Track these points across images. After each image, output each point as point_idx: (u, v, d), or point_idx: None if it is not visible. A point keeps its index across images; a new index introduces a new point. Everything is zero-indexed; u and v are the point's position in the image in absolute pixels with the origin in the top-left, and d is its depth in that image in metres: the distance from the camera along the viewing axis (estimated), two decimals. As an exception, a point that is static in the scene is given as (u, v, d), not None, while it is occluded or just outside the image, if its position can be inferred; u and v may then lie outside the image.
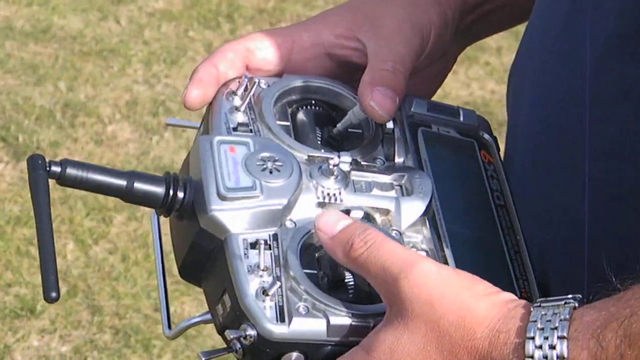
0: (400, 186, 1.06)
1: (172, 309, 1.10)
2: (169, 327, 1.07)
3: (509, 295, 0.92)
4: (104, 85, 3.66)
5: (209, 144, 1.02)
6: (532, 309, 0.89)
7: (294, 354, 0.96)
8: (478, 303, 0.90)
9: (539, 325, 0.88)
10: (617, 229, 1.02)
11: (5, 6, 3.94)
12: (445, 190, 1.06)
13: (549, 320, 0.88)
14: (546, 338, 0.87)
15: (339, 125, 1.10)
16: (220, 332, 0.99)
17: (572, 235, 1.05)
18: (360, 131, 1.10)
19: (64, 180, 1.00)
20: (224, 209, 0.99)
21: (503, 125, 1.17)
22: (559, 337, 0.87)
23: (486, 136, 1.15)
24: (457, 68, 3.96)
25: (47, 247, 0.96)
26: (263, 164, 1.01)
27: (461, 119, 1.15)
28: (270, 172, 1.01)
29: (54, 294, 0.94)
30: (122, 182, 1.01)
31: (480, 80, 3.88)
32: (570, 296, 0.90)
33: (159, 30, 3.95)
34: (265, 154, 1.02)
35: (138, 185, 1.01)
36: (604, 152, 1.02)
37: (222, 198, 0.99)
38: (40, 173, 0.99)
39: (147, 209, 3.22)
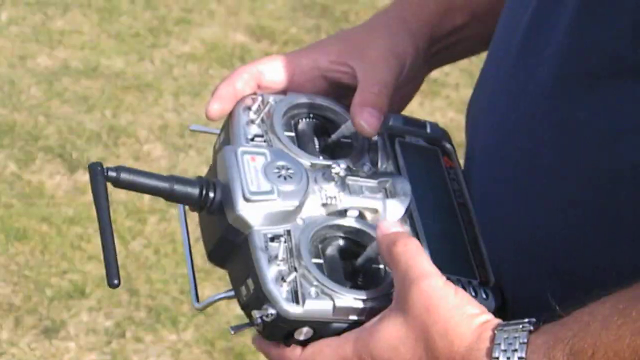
0: (385, 189, 1.05)
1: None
2: (197, 300, 1.06)
3: (487, 316, 0.92)
4: (141, 112, 3.66)
5: (234, 153, 1.02)
6: (496, 332, 0.90)
7: (305, 329, 0.96)
8: (462, 322, 0.91)
9: (502, 347, 0.89)
10: (560, 235, 1.01)
11: (63, 50, 3.94)
12: (418, 191, 1.06)
13: (511, 343, 0.88)
14: (508, 358, 0.88)
15: (333, 136, 1.10)
16: (243, 308, 1.00)
17: (522, 240, 1.04)
18: (350, 141, 1.10)
19: (118, 184, 1.00)
20: (248, 209, 0.99)
21: (459, 146, 1.16)
22: (518, 358, 0.88)
23: (447, 145, 1.15)
24: (423, 100, 3.96)
25: (108, 241, 0.96)
26: (278, 172, 1.01)
27: (428, 130, 1.15)
28: (285, 179, 1.01)
29: (115, 281, 0.95)
30: (165, 185, 1.01)
31: (442, 110, 3.88)
32: (526, 320, 0.90)
33: (185, 68, 3.95)
34: (280, 163, 1.02)
35: (177, 187, 1.01)
36: (549, 171, 1.01)
37: (247, 200, 0.99)
38: (99, 178, 0.98)
39: (174, 212, 3.24)
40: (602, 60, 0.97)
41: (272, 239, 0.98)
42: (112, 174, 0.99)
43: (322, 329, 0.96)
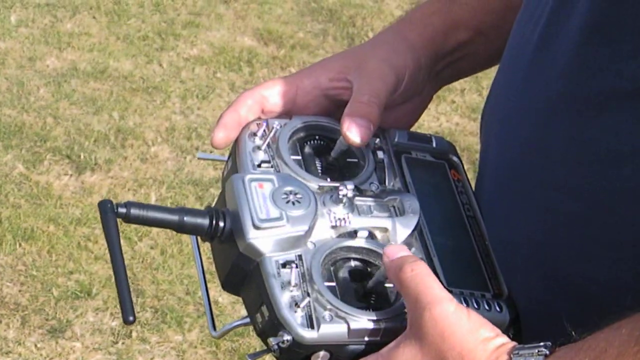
0: (394, 207, 1.05)
1: (198, 292, 1.08)
2: (214, 328, 1.07)
3: (501, 340, 0.91)
4: (149, 115, 3.66)
5: (242, 181, 1.02)
6: (512, 356, 0.89)
7: (322, 353, 0.96)
8: (477, 347, 0.90)
9: None
10: (564, 249, 1.01)
11: (72, 52, 3.95)
12: (427, 207, 1.05)
13: None
14: None
15: (332, 153, 1.10)
16: (259, 335, 0.99)
17: (530, 254, 1.04)
18: (357, 160, 1.09)
19: (129, 219, 0.99)
20: (259, 237, 0.98)
21: (464, 150, 1.17)
22: None
23: (454, 158, 1.14)
24: (429, 105, 3.96)
25: (122, 278, 0.95)
26: (286, 197, 1.01)
27: (434, 145, 1.14)
28: (293, 204, 1.01)
29: (131, 318, 0.94)
30: (175, 218, 1.00)
31: (447, 115, 3.88)
32: (542, 344, 0.89)
33: (193, 72, 3.95)
34: (287, 189, 1.02)
35: (187, 219, 1.00)
36: (556, 188, 1.01)
37: (257, 228, 0.98)
38: (110, 215, 0.98)
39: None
40: (608, 81, 0.96)
41: (284, 265, 0.97)
42: (122, 210, 0.98)
43: (338, 352, 0.96)
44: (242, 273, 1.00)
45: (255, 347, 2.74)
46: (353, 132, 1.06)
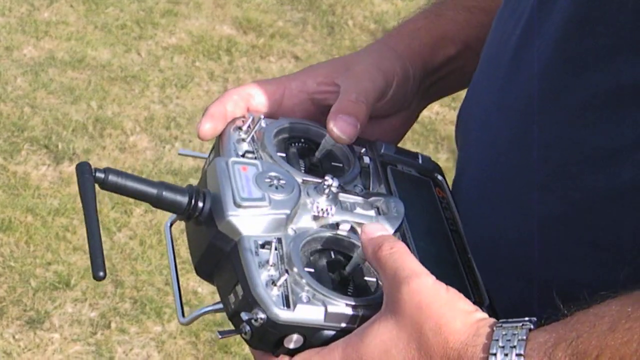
0: (378, 207, 1.04)
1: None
2: (183, 315, 1.04)
3: (482, 314, 0.89)
4: (127, 104, 3.65)
5: (225, 163, 1.01)
6: (495, 329, 0.87)
7: (295, 336, 0.94)
8: (456, 318, 0.88)
9: (500, 344, 0.85)
10: (544, 250, 1.00)
11: (50, 40, 3.93)
12: (412, 216, 1.04)
13: (509, 340, 0.85)
14: (506, 355, 0.85)
15: (317, 153, 1.09)
16: (231, 317, 0.97)
17: (509, 254, 1.03)
18: (341, 165, 1.09)
19: (105, 185, 0.98)
20: (239, 215, 0.97)
21: (444, 139, 1.16)
22: (517, 355, 0.85)
23: (439, 177, 1.14)
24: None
25: (94, 236, 0.94)
26: (270, 181, 1.00)
27: (420, 161, 1.14)
28: (276, 188, 0.99)
29: (101, 273, 0.92)
30: (153, 191, 0.99)
31: (427, 104, 3.88)
32: (526, 319, 0.87)
33: (172, 61, 3.94)
34: (272, 174, 1.01)
35: (166, 194, 0.99)
36: (541, 188, 1.00)
37: (237, 205, 0.97)
38: (87, 177, 0.96)
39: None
40: (592, 79, 0.95)
41: (263, 245, 0.96)
42: (100, 175, 0.97)
43: (312, 337, 0.93)
44: (219, 254, 0.98)
45: (236, 337, 2.73)
46: (339, 129, 1.06)
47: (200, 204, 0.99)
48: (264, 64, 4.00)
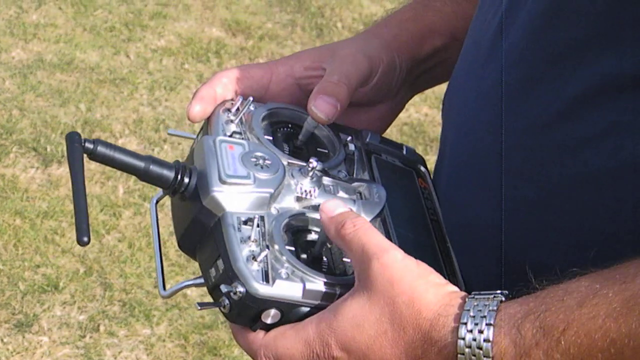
0: (360, 193, 1.05)
1: (167, 286, 1.08)
2: (164, 288, 1.06)
3: (454, 287, 0.91)
4: (116, 106, 3.64)
5: (212, 141, 1.02)
6: (467, 300, 0.89)
7: (272, 311, 0.95)
8: (428, 290, 0.90)
9: (472, 314, 0.87)
10: (520, 234, 1.01)
11: (38, 43, 3.92)
12: (393, 203, 1.06)
13: (480, 310, 0.87)
14: (476, 324, 0.87)
15: (300, 136, 1.10)
16: (211, 291, 0.98)
17: (487, 238, 1.04)
18: (327, 151, 1.10)
19: (94, 156, 0.99)
20: (223, 191, 0.98)
21: (433, 141, 1.17)
22: (486, 324, 0.87)
23: (422, 168, 1.15)
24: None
25: (80, 204, 0.95)
26: (256, 161, 1.01)
27: (404, 152, 1.15)
28: (262, 168, 1.01)
29: (85, 238, 0.93)
30: (141, 164, 1.00)
31: (416, 106, 3.88)
32: (499, 292, 0.89)
33: (161, 63, 3.93)
34: (258, 154, 1.02)
35: (153, 167, 1.00)
36: (514, 174, 1.01)
37: (222, 182, 0.98)
38: (76, 146, 0.98)
39: (149, 206, 3.21)
40: (566, 67, 0.96)
41: (245, 222, 0.97)
42: (89, 145, 0.98)
43: (289, 312, 0.95)
44: (202, 229, 0.99)
45: (225, 339, 2.73)
46: (318, 108, 1.07)
47: (186, 180, 1.00)
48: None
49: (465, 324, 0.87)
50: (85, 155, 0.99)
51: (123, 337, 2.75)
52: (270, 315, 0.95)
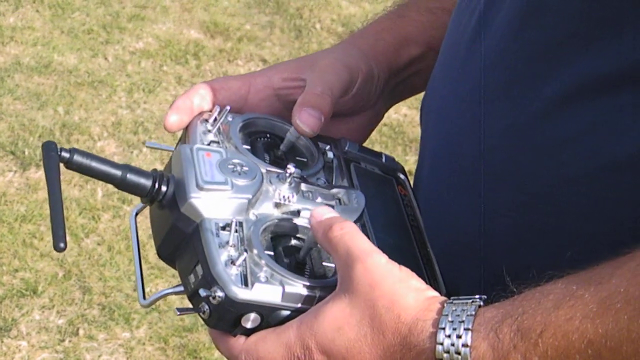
0: (339, 199, 1.06)
1: (147, 289, 1.07)
2: (144, 297, 1.05)
3: (434, 292, 0.91)
4: (94, 109, 3.63)
5: (190, 149, 1.02)
6: (445, 305, 0.89)
7: (252, 315, 0.95)
8: (408, 294, 0.90)
9: (450, 319, 0.87)
10: (501, 237, 1.01)
11: (15, 46, 3.90)
12: (372, 209, 1.06)
13: (458, 315, 0.87)
14: (454, 329, 0.87)
15: (282, 146, 1.11)
16: (191, 297, 0.98)
17: (467, 242, 1.04)
18: (305, 160, 1.10)
19: (70, 165, 0.99)
20: (201, 197, 0.98)
21: (412, 141, 1.17)
22: (465, 329, 0.87)
23: (402, 176, 1.15)
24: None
25: (57, 211, 0.95)
26: (234, 167, 1.01)
27: (383, 160, 1.15)
28: (239, 174, 1.01)
29: (62, 245, 0.93)
30: (118, 173, 1.00)
31: (395, 106, 3.88)
32: (477, 296, 0.89)
33: (139, 65, 3.92)
34: (235, 161, 1.02)
35: (130, 176, 1.00)
36: (494, 177, 1.01)
37: (200, 188, 0.98)
38: (52, 155, 0.98)
39: (128, 209, 3.20)
40: (544, 68, 0.96)
41: (224, 228, 0.97)
42: (65, 154, 0.98)
43: (269, 316, 0.95)
44: (180, 236, 0.99)
45: (205, 342, 2.72)
46: (304, 122, 1.07)
47: (164, 188, 1.00)
48: (231, 68, 3.99)
49: (444, 329, 0.87)
50: (62, 164, 0.99)
51: (102, 340, 2.74)
52: (250, 320, 0.95)
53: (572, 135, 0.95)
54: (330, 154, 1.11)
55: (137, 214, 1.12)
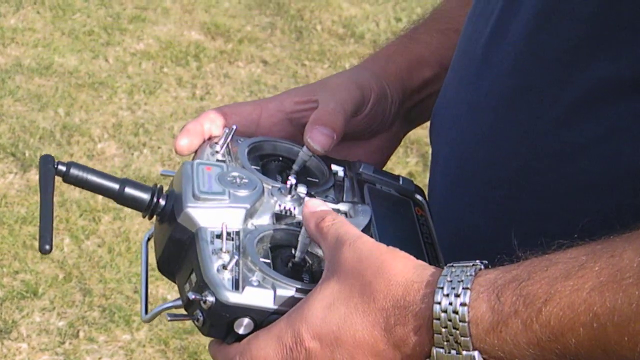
0: (345, 213, 1.05)
1: (148, 292, 1.07)
2: (146, 312, 1.04)
3: (423, 262, 0.90)
4: (95, 111, 3.63)
5: (190, 165, 1.02)
6: (445, 268, 0.87)
7: (245, 320, 0.94)
8: (397, 260, 0.89)
9: (449, 279, 0.86)
10: (518, 245, 1.00)
11: (16, 47, 3.90)
12: (382, 225, 1.05)
13: (457, 275, 0.86)
14: (453, 288, 0.85)
15: (294, 165, 1.10)
16: (186, 306, 0.97)
17: (481, 250, 1.03)
18: (317, 180, 1.10)
19: (67, 179, 0.99)
20: (197, 207, 0.98)
21: (413, 143, 1.17)
22: (463, 288, 0.84)
23: (420, 198, 1.14)
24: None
25: (46, 217, 0.95)
26: (233, 179, 1.01)
27: (400, 183, 1.14)
28: (238, 186, 1.01)
29: (47, 247, 0.93)
30: (115, 186, 1.00)
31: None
32: (477, 261, 0.87)
33: (140, 67, 3.92)
34: (234, 174, 1.02)
35: (128, 190, 1.00)
36: (509, 185, 1.00)
37: (196, 198, 0.98)
38: (49, 168, 0.98)
39: (128, 211, 3.20)
40: (560, 73, 0.95)
41: (219, 236, 0.97)
42: (62, 168, 0.98)
43: (262, 321, 0.94)
44: (178, 247, 0.99)
45: (205, 344, 2.71)
46: (315, 140, 1.07)
47: (162, 202, 1.01)
48: (232, 69, 3.99)
49: (442, 288, 0.85)
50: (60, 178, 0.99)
51: (103, 342, 2.73)
52: (243, 325, 0.94)
53: (592, 141, 0.94)
54: (341, 173, 1.10)
55: (149, 240, 1.10)
